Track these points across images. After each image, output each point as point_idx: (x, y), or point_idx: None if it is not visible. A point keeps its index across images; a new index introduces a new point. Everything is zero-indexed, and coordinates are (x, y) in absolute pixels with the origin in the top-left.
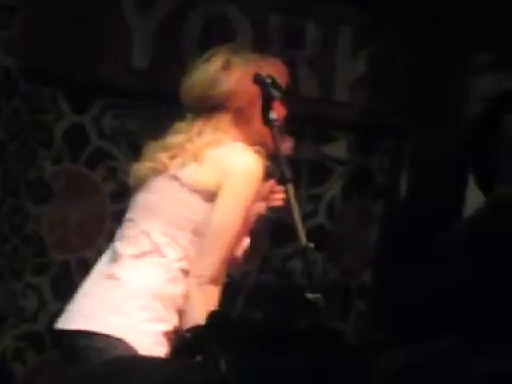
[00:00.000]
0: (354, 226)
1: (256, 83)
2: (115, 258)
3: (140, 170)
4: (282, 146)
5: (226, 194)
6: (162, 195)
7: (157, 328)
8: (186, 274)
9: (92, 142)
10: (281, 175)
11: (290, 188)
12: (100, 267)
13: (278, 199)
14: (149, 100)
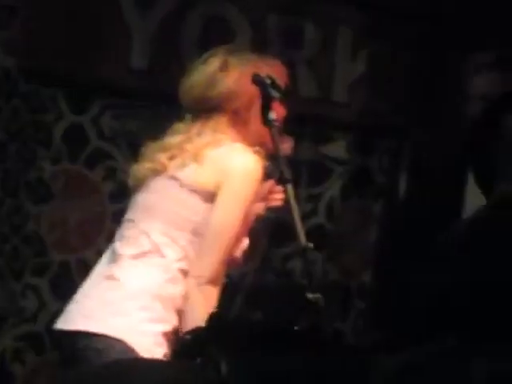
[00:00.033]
0: (353, 226)
1: (255, 84)
2: (115, 258)
3: (139, 170)
4: (281, 146)
5: (225, 194)
6: (161, 195)
7: (156, 328)
8: (185, 274)
9: (91, 142)
10: (280, 175)
11: (289, 188)
12: (100, 267)
13: (277, 199)
14: (148, 100)
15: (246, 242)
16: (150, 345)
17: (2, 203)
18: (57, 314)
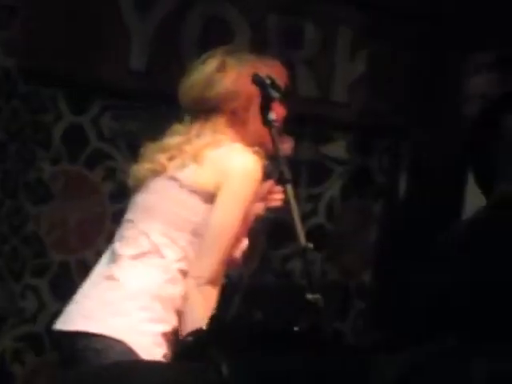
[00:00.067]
0: (353, 226)
1: (255, 84)
2: (114, 258)
3: (139, 170)
4: (281, 146)
5: (224, 195)
6: (161, 196)
7: (156, 329)
8: (184, 274)
9: (91, 143)
10: (280, 175)
11: (289, 188)
12: (99, 268)
13: (276, 200)
14: (147, 101)
15: (245, 243)
16: (150, 345)
17: (2, 204)
18: (56, 314)
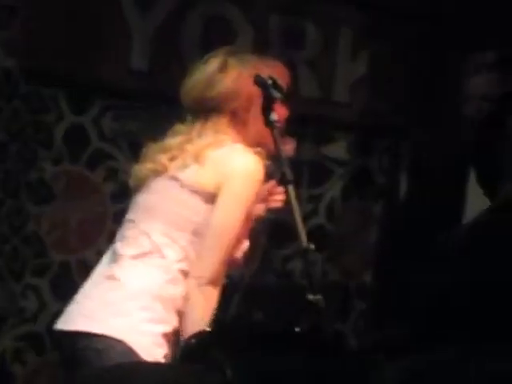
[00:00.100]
0: (354, 227)
1: (257, 84)
2: (115, 258)
3: (140, 170)
4: (283, 147)
5: (225, 195)
6: (162, 196)
7: (156, 329)
8: (185, 275)
9: (92, 143)
10: (282, 176)
11: (290, 189)
12: (100, 268)
13: (277, 201)
14: (148, 101)
15: (246, 243)
16: (150, 345)
17: (3, 204)
18: (57, 314)
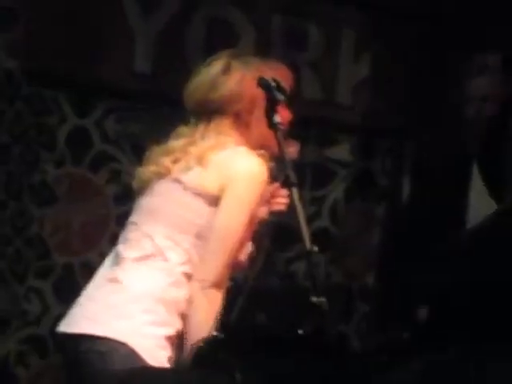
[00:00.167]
0: (357, 229)
1: (260, 87)
2: (118, 261)
3: (144, 173)
4: (286, 149)
5: (229, 198)
6: (165, 198)
7: (159, 332)
8: (189, 278)
9: (95, 145)
10: (286, 179)
11: (294, 192)
12: (103, 270)
13: (280, 203)
14: (151, 103)
15: (250, 246)
16: (153, 348)
17: (6, 206)
18: (60, 317)
